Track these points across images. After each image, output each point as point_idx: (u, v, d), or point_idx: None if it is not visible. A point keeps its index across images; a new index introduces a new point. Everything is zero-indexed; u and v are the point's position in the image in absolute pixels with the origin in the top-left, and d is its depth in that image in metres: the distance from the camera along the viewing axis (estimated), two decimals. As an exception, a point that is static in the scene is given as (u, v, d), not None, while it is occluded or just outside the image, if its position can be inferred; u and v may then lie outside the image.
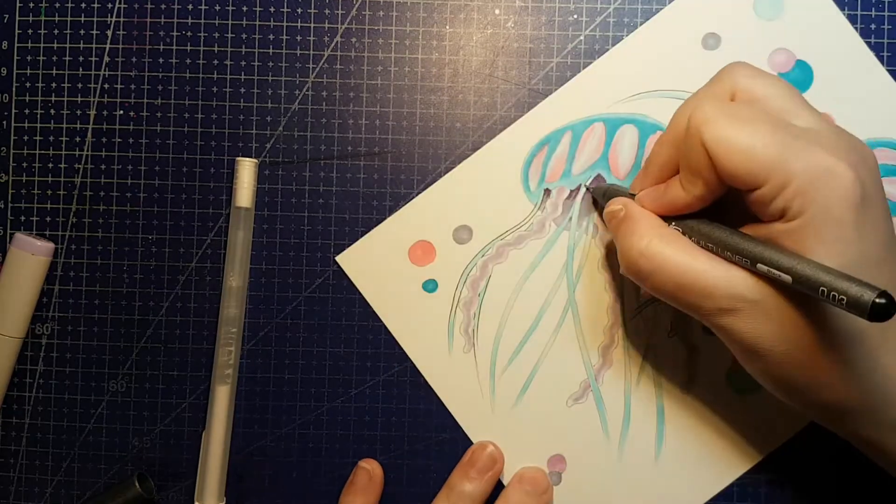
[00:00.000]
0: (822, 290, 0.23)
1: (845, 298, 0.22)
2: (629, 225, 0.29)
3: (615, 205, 0.31)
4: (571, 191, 0.36)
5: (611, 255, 0.35)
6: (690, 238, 0.28)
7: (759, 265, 0.25)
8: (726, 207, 0.28)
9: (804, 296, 0.25)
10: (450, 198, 0.36)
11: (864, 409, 0.26)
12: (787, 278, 0.24)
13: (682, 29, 0.35)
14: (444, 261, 0.36)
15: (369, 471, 0.35)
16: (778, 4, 0.35)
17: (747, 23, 0.35)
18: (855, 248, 0.25)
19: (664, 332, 0.35)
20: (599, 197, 0.35)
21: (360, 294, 0.36)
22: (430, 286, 0.36)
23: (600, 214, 0.35)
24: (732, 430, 0.35)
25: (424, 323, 0.36)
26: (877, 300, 0.21)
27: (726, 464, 0.35)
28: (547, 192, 0.36)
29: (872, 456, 0.29)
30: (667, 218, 0.30)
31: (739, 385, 0.35)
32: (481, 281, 0.36)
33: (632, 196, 0.31)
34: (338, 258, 0.36)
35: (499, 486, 0.36)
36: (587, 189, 0.35)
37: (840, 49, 0.35)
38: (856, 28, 0.35)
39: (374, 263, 0.36)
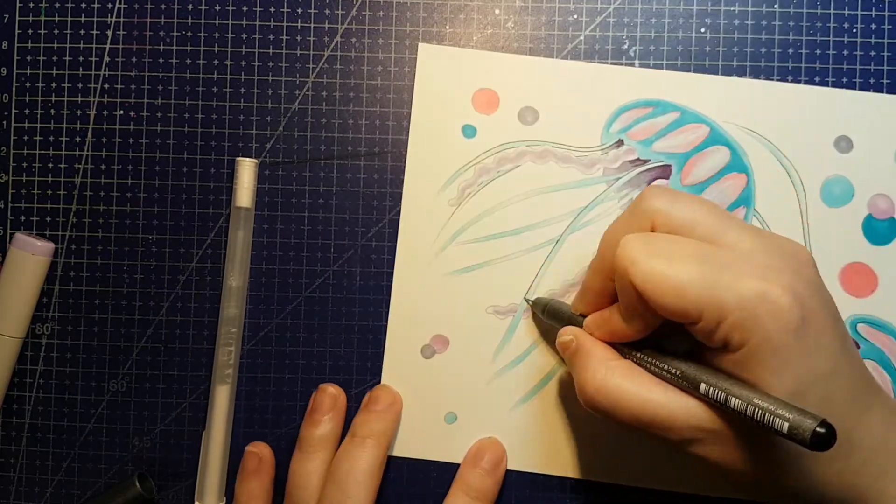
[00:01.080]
0: (765, 422, 0.23)
1: (787, 426, 0.22)
2: (581, 359, 0.29)
3: (565, 335, 0.31)
4: (639, 158, 0.35)
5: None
6: (644, 367, 0.28)
7: (706, 397, 0.25)
8: (681, 327, 0.28)
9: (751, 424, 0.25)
10: (545, 78, 0.35)
11: (864, 495, 0.26)
12: (732, 409, 0.24)
13: (828, 114, 0.35)
14: (497, 121, 0.35)
15: (258, 454, 0.35)
16: None
17: (883, 166, 0.35)
18: (802, 371, 0.24)
19: None
20: (539, 311, 0.34)
21: (359, 295, 0.36)
22: (469, 132, 0.35)
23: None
24: (589, 439, 0.35)
25: (440, 158, 0.35)
26: (818, 429, 0.21)
27: (558, 458, 0.35)
28: (620, 142, 0.35)
29: None
30: (618, 346, 0.29)
31: None
32: (509, 163, 0.35)
33: (576, 319, 0.31)
34: (421, 45, 0.35)
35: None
36: (527, 301, 0.35)
37: None
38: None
39: (445, 76, 0.36)
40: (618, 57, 0.36)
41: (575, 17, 0.36)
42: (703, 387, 0.25)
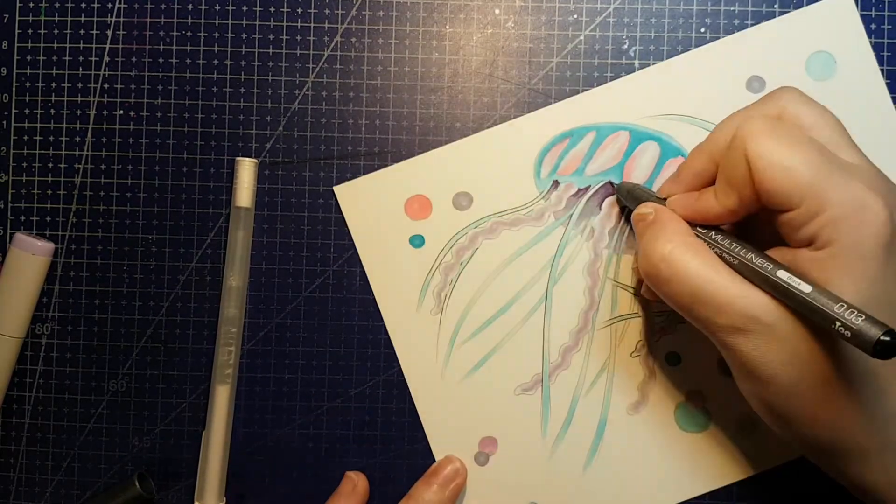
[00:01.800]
0: (832, 319, 0.23)
1: (851, 331, 0.22)
2: (656, 228, 0.29)
3: (646, 208, 0.31)
4: (579, 189, 0.36)
5: (597, 262, 0.35)
6: (715, 251, 0.28)
7: (775, 283, 0.25)
8: (756, 227, 0.28)
9: (819, 326, 0.25)
10: (461, 161, 0.36)
11: (860, 451, 0.26)
12: (802, 298, 0.24)
13: (730, 64, 0.35)
14: (437, 221, 0.36)
15: (354, 480, 0.35)
16: (830, 67, 0.35)
17: (796, 80, 0.35)
18: (879, 286, 0.25)
19: (628, 351, 0.35)
20: (624, 195, 0.34)
21: (359, 295, 0.36)
22: (417, 241, 0.36)
23: (620, 214, 0.35)
24: (667, 463, 0.35)
25: (402, 276, 0.36)
26: (882, 337, 0.21)
27: (651, 494, 0.35)
28: (556, 183, 0.36)
29: (857, 495, 0.28)
30: (693, 227, 0.29)
31: (685, 422, 0.35)
32: (468, 250, 0.36)
33: (660, 201, 0.31)
34: (336, 188, 0.36)
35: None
36: (611, 184, 0.35)
37: (878, 120, 0.35)
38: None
39: (370, 204, 0.36)
40: (618, 57, 0.36)
41: (575, 17, 0.36)
42: (781, 273, 0.25)
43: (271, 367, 0.36)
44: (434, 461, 0.36)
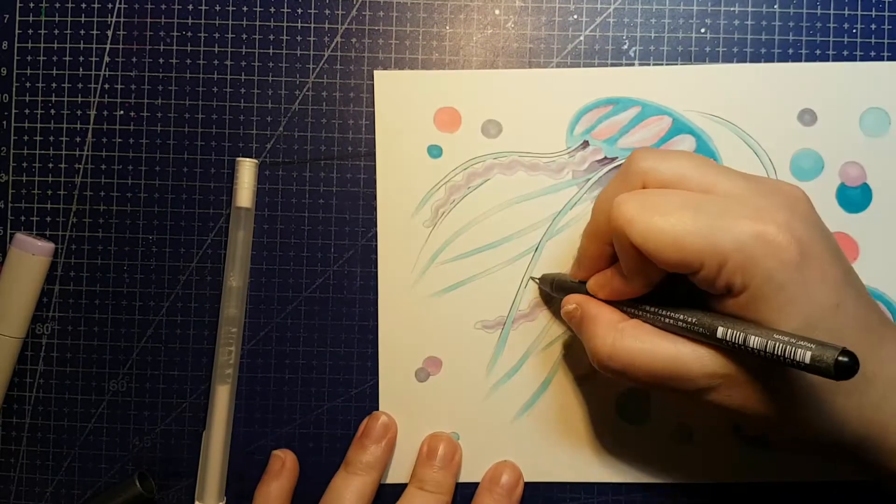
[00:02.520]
0: (785, 359, 0.23)
1: (806, 364, 0.22)
2: (589, 326, 0.29)
3: (569, 304, 0.31)
4: (606, 157, 0.35)
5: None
6: (651, 322, 0.28)
7: (721, 342, 0.25)
8: (682, 279, 0.28)
9: (766, 363, 0.25)
10: (504, 90, 0.35)
11: (858, 447, 0.26)
12: (749, 349, 0.24)
13: (786, 90, 0.35)
14: (461, 138, 0.36)
15: (282, 458, 0.35)
16: (884, 124, 0.35)
17: (849, 131, 0.35)
18: (806, 305, 0.25)
19: None
20: (548, 287, 0.34)
21: (359, 295, 0.36)
22: (435, 152, 0.36)
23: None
24: (593, 442, 0.36)
25: (406, 181, 0.36)
26: (840, 358, 0.21)
27: (568, 465, 0.36)
28: (585, 143, 0.35)
29: (890, 484, 0.28)
30: (623, 304, 0.30)
31: (624, 411, 0.36)
32: (479, 177, 0.36)
33: (580, 286, 0.32)
34: (376, 73, 0.35)
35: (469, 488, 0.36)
36: (532, 279, 0.35)
37: None
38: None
39: (403, 100, 0.36)
40: (618, 57, 0.36)
41: (575, 17, 0.36)
42: (720, 330, 0.25)
43: (271, 367, 0.36)
44: (377, 368, 0.36)
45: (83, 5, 0.36)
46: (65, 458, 0.37)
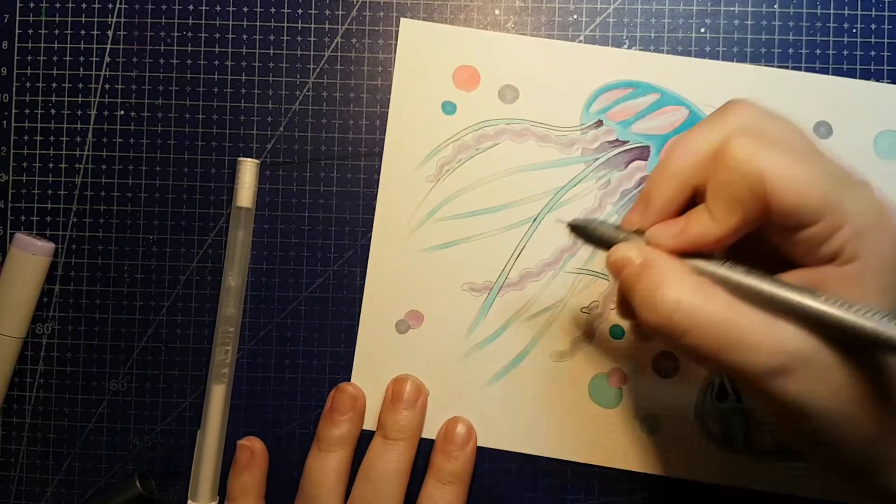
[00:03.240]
0: (889, 340, 0.21)
1: None
2: (651, 275, 0.25)
3: (629, 250, 0.26)
4: (618, 139, 0.35)
5: (597, 212, 0.35)
6: (728, 283, 0.25)
7: (813, 311, 0.23)
8: (747, 249, 0.26)
9: (862, 347, 0.23)
10: (526, 57, 0.35)
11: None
12: (848, 322, 0.22)
13: (804, 100, 0.35)
14: (477, 99, 0.35)
15: (250, 447, 0.35)
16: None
17: (863, 152, 0.35)
18: None
19: (579, 304, 0.35)
20: (582, 237, 0.29)
21: (359, 295, 0.36)
22: (449, 108, 0.36)
23: (634, 185, 0.35)
24: (560, 418, 0.36)
25: (419, 133, 0.36)
26: None
27: (531, 438, 0.36)
28: (599, 123, 0.35)
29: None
30: (693, 260, 0.26)
31: (596, 393, 0.36)
32: (489, 140, 0.36)
33: (633, 236, 0.28)
34: (403, 21, 0.35)
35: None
36: (559, 221, 0.34)
37: None
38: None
39: (426, 51, 0.36)
40: (618, 57, 0.36)
41: (575, 17, 0.36)
42: (825, 299, 0.23)
43: (271, 367, 0.36)
44: (359, 315, 0.36)
45: (83, 5, 0.36)
46: (65, 458, 0.37)
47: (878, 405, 0.24)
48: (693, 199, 0.27)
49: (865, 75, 0.35)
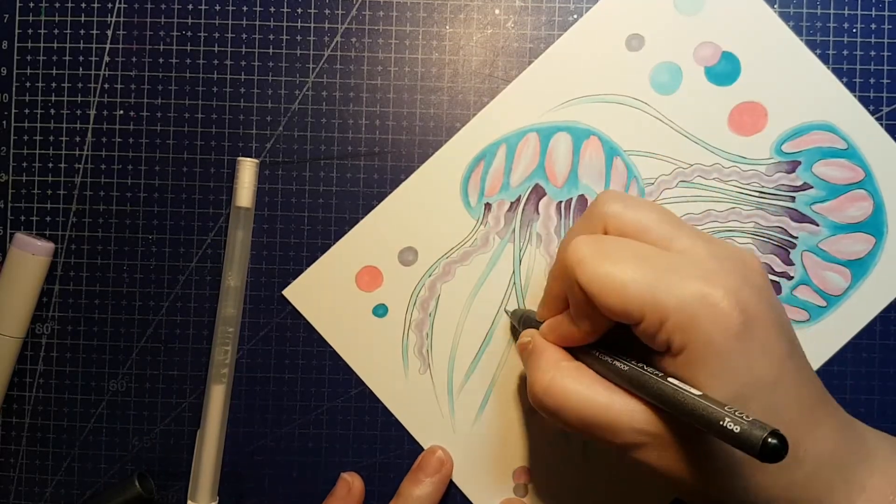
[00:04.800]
0: (714, 428, 0.22)
1: (733, 437, 0.21)
2: (534, 359, 0.29)
3: (524, 337, 0.31)
4: (511, 203, 0.36)
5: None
6: (595, 369, 0.28)
7: (653, 397, 0.25)
8: (632, 334, 0.28)
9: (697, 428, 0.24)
10: (392, 221, 0.36)
11: None
12: (686, 411, 0.23)
13: (604, 33, 0.35)
14: (391, 284, 0.36)
15: (349, 482, 0.35)
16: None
17: (669, 20, 0.35)
18: (744, 376, 0.24)
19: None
20: (517, 322, 0.34)
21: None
22: (381, 311, 0.36)
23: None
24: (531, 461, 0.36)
25: (378, 348, 0.36)
26: (769, 440, 0.20)
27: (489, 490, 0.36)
28: (487, 206, 0.36)
29: None
30: (573, 349, 0.29)
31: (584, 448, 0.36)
32: (430, 301, 0.36)
33: (540, 321, 0.31)
34: (284, 292, 0.36)
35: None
36: (506, 312, 0.36)
37: (765, 36, 0.35)
38: (789, 25, 0.35)
39: (323, 293, 0.36)
40: (618, 57, 0.36)
41: (575, 17, 0.36)
42: (664, 385, 0.24)
43: (271, 367, 0.36)
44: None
45: (83, 5, 0.36)
46: (65, 458, 0.37)
47: (736, 470, 0.25)
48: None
49: (865, 75, 0.35)
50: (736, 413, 0.22)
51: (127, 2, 0.36)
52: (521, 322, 0.34)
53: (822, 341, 0.35)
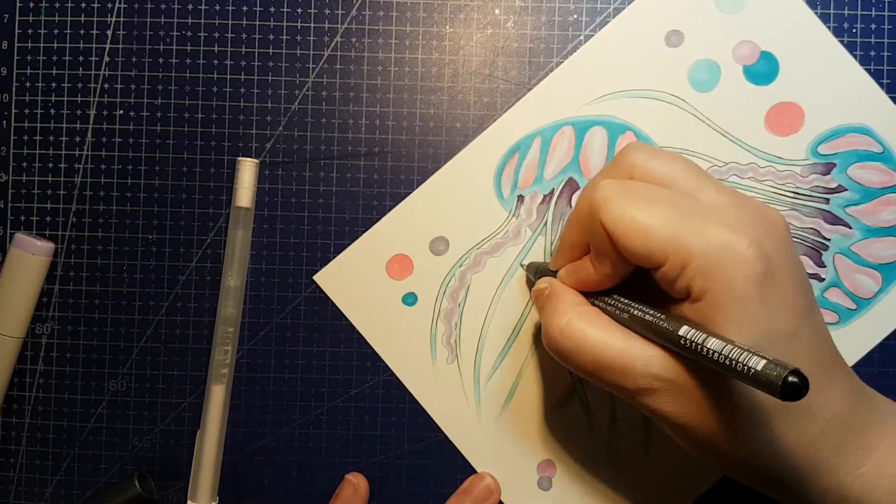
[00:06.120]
0: (734, 368, 0.22)
1: (755, 377, 0.21)
2: (552, 302, 0.29)
3: (542, 283, 0.31)
4: (545, 196, 0.36)
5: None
6: (611, 315, 0.28)
7: (676, 340, 0.25)
8: (649, 282, 0.28)
9: (718, 373, 0.24)
10: (424, 210, 0.36)
11: (795, 476, 0.26)
12: (703, 352, 0.23)
13: (644, 28, 0.35)
14: (422, 273, 0.36)
15: (354, 484, 0.35)
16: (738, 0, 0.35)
17: (709, 17, 0.35)
18: (763, 325, 0.24)
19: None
20: (532, 274, 0.34)
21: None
22: (410, 299, 0.36)
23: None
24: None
25: (406, 336, 0.36)
26: (790, 378, 0.20)
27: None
28: (520, 198, 0.36)
29: None
30: (589, 294, 0.29)
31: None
32: (460, 291, 0.36)
33: (556, 271, 0.31)
34: (315, 277, 0.36)
35: None
36: (521, 266, 0.35)
37: (804, 37, 0.35)
38: (828, 27, 0.35)
39: (353, 280, 0.36)
40: (618, 57, 0.36)
41: (575, 17, 0.36)
42: (683, 329, 0.24)
43: (271, 367, 0.36)
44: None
45: (83, 5, 0.36)
46: (64, 458, 0.37)
47: (744, 426, 0.25)
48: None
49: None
50: (756, 353, 0.22)
51: (127, 2, 0.36)
52: (537, 274, 0.33)
53: (851, 344, 0.35)
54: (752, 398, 0.25)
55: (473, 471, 0.36)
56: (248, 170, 0.35)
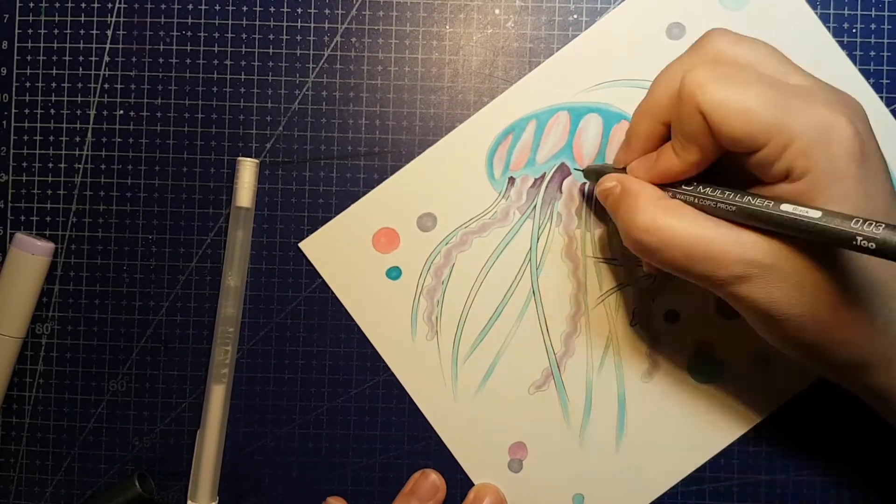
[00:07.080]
0: (851, 237, 0.22)
1: (876, 242, 0.21)
2: (629, 201, 0.28)
3: (608, 182, 0.30)
4: (535, 179, 0.36)
5: (573, 244, 0.35)
6: (693, 205, 0.28)
7: (779, 218, 0.24)
8: (718, 172, 0.28)
9: (819, 253, 0.25)
10: (414, 185, 0.36)
11: (881, 361, 0.26)
12: (814, 224, 0.23)
13: (646, 18, 0.35)
14: (407, 248, 0.36)
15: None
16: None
17: (712, 12, 0.35)
18: (863, 201, 0.25)
19: (626, 321, 0.36)
20: (593, 177, 0.34)
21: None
22: (394, 273, 0.36)
23: (582, 194, 0.35)
24: (693, 419, 0.36)
25: (388, 310, 0.36)
26: None
27: (686, 453, 0.36)
28: (511, 180, 0.36)
29: (883, 409, 0.28)
30: (667, 186, 0.29)
31: (700, 375, 0.35)
32: (445, 269, 0.36)
33: (619, 171, 0.31)
34: (301, 244, 0.36)
35: None
36: (578, 170, 0.35)
37: (804, 37, 0.35)
38: (828, 27, 0.35)
39: (338, 250, 0.36)
40: (618, 57, 0.36)
41: (575, 17, 0.36)
42: (785, 206, 0.24)
43: (271, 367, 0.36)
44: (470, 483, 0.36)
45: (83, 5, 0.36)
46: (64, 458, 0.37)
47: (848, 309, 0.25)
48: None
49: (865, 75, 0.35)
50: (872, 222, 0.22)
51: (127, 2, 0.36)
52: (598, 175, 0.32)
53: None
54: (868, 276, 0.25)
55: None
56: (248, 170, 0.35)
